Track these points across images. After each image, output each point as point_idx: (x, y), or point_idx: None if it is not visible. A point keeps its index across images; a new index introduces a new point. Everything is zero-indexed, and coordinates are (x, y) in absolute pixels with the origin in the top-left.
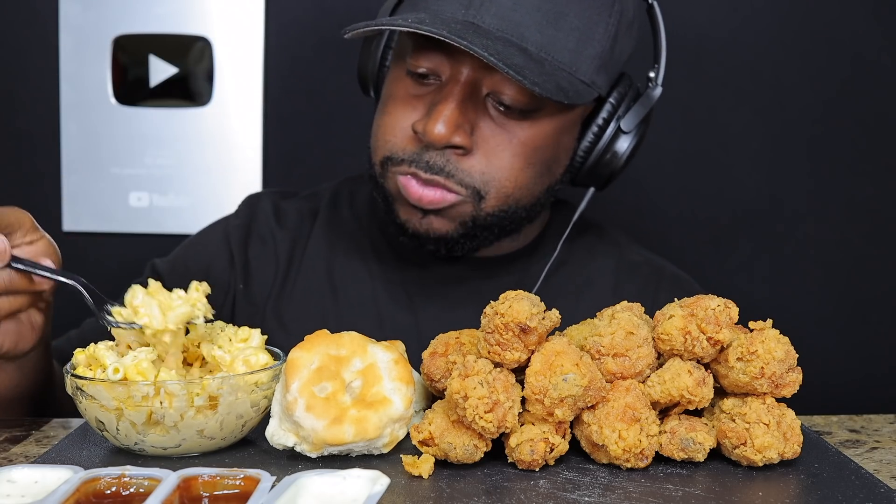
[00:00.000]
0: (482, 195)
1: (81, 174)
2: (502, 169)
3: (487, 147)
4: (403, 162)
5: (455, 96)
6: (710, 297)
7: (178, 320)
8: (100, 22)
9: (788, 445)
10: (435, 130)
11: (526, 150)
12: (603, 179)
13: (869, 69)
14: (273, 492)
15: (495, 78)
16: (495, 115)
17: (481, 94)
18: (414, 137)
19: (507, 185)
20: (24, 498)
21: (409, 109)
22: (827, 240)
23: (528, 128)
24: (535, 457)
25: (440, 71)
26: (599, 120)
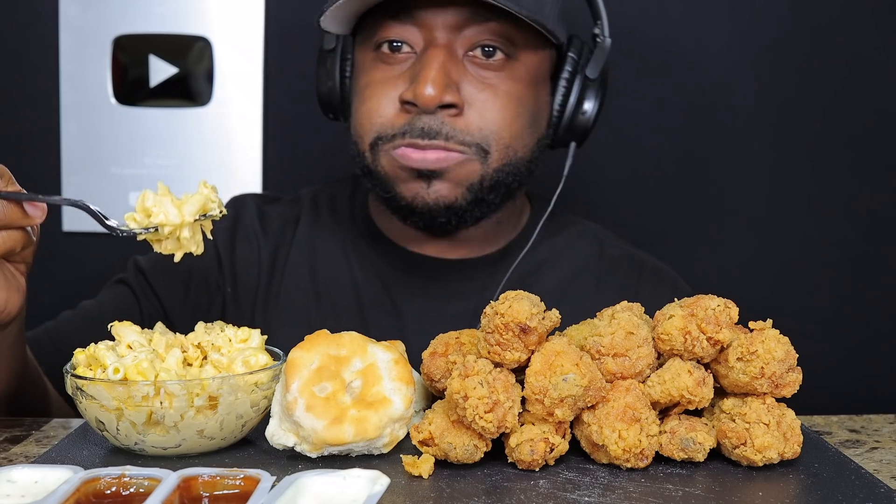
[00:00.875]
0: (486, 150)
1: (81, 174)
2: (496, 121)
3: (477, 103)
4: (395, 136)
5: (437, 58)
6: (710, 297)
7: (194, 211)
8: (100, 22)
9: (788, 445)
10: (426, 93)
11: (511, 101)
12: (581, 132)
13: (869, 69)
14: (273, 492)
15: (468, 33)
16: (475, 73)
17: (458, 55)
18: (402, 111)
19: (505, 135)
20: (24, 498)
21: (389, 88)
22: (827, 240)
23: (507, 79)
24: (535, 457)
25: (412, 41)
26: (566, 73)
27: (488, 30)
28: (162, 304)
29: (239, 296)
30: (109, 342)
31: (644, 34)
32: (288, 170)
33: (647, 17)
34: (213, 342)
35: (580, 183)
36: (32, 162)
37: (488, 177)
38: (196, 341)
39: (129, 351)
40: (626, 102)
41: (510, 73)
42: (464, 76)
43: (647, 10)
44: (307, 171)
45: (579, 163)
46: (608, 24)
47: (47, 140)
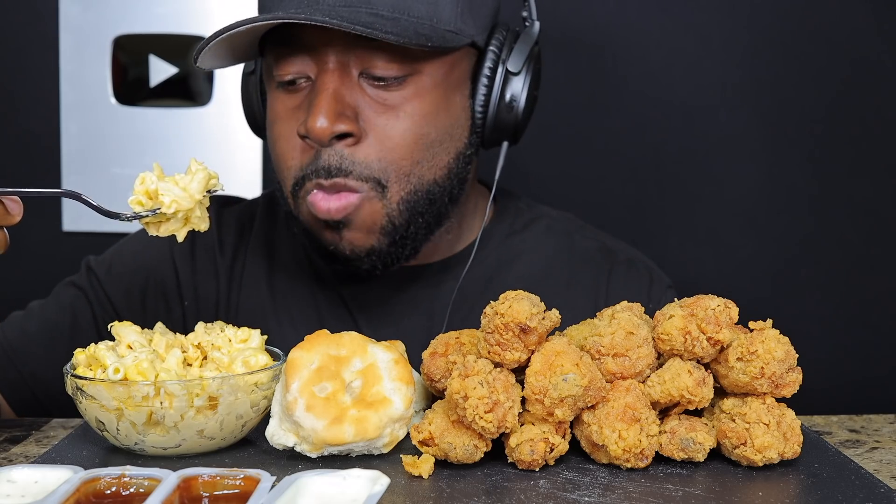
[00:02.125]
0: (384, 185)
1: (81, 174)
2: (396, 148)
3: (377, 129)
4: (305, 179)
5: (327, 86)
6: (710, 297)
7: (200, 188)
8: (100, 22)
9: (788, 445)
10: (316, 125)
11: (415, 123)
12: (510, 130)
13: (869, 69)
14: (273, 492)
15: (360, 55)
16: (374, 94)
17: (353, 77)
18: (304, 147)
19: (405, 164)
20: (24, 498)
21: (292, 122)
22: (827, 240)
23: (411, 97)
24: (535, 457)
25: (307, 72)
26: (486, 70)
27: (378, 52)
28: (116, 311)
29: (200, 308)
30: (109, 342)
31: (644, 33)
32: None
33: (646, 16)
34: (213, 342)
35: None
36: (32, 162)
37: (395, 214)
38: (196, 341)
39: (129, 351)
40: (626, 102)
41: (413, 88)
42: (362, 99)
43: (646, 10)
44: None
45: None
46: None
47: (47, 140)
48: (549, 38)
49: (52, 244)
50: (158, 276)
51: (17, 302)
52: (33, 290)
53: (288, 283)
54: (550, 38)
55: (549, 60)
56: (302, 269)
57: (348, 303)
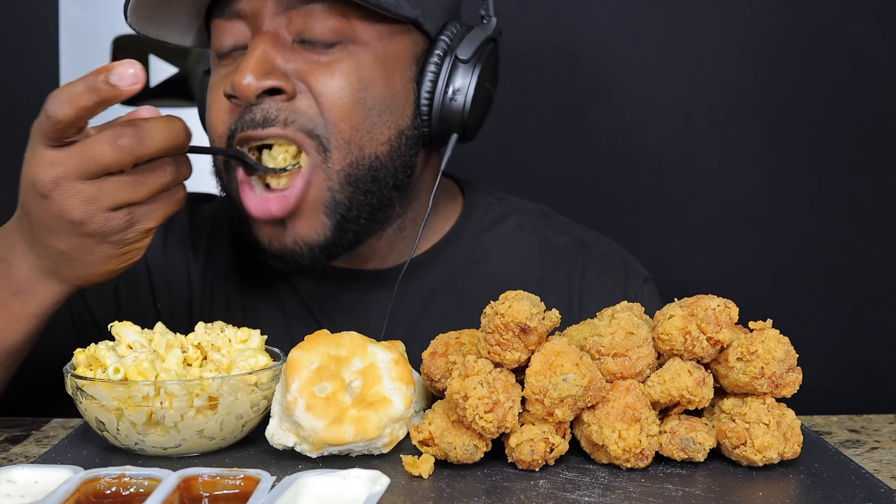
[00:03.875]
0: (325, 144)
1: None
2: (334, 108)
3: (311, 86)
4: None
5: (258, 45)
6: (710, 297)
7: None
8: (100, 22)
9: (788, 445)
10: (243, 81)
11: (351, 83)
12: (459, 122)
13: (869, 69)
14: (273, 492)
15: (294, 18)
16: (309, 56)
17: (288, 41)
18: (230, 106)
19: (344, 126)
20: (24, 498)
21: (220, 88)
22: (827, 240)
23: (346, 59)
24: (535, 457)
25: (243, 41)
26: (434, 57)
27: (313, 14)
28: (90, 309)
29: (174, 310)
30: (109, 342)
31: (644, 32)
32: None
33: (646, 15)
34: (213, 342)
35: (579, 182)
36: None
37: (337, 188)
38: (196, 341)
39: (129, 351)
40: (626, 101)
41: (350, 54)
42: (296, 61)
43: (646, 9)
44: None
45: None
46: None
47: None
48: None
49: None
50: (132, 277)
51: None
52: None
53: (256, 286)
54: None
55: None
56: (267, 274)
57: (313, 310)
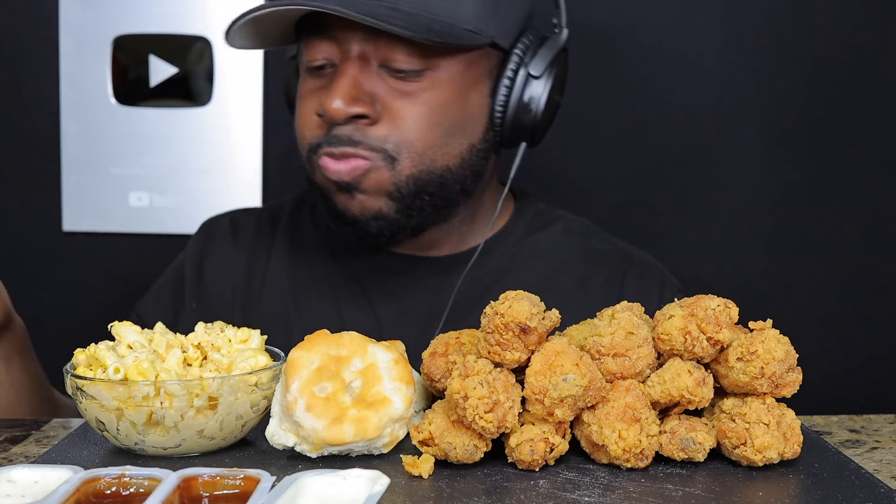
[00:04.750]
0: (394, 157)
1: (81, 174)
2: (409, 130)
3: (391, 113)
4: (319, 147)
5: (347, 72)
6: (710, 297)
7: None
8: (100, 22)
9: (788, 445)
10: (332, 106)
11: (430, 111)
12: (528, 131)
13: (869, 68)
14: (273, 492)
15: (381, 46)
16: (393, 83)
17: (373, 67)
18: (320, 122)
19: (417, 144)
20: (24, 498)
21: (312, 100)
22: (827, 240)
23: (428, 89)
24: (535, 457)
25: (332, 58)
26: (508, 72)
27: (400, 45)
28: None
29: (213, 307)
30: (109, 342)
31: (643, 32)
32: (288, 170)
33: (645, 14)
34: (213, 342)
35: (578, 181)
36: (32, 162)
37: (403, 184)
38: (196, 341)
39: (129, 351)
40: (625, 100)
41: (430, 81)
42: (380, 87)
43: (645, 8)
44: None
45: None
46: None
47: (47, 140)
48: None
49: (52, 244)
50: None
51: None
52: (33, 290)
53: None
54: None
55: None
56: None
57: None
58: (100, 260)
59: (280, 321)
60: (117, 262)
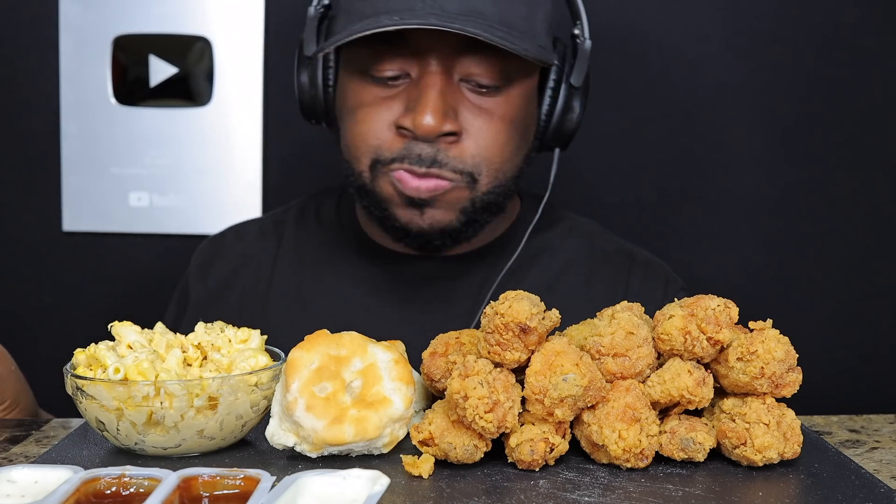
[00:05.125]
0: (476, 177)
1: (81, 174)
2: (489, 147)
3: (473, 130)
4: (394, 160)
5: (434, 87)
6: (710, 297)
7: None
8: (100, 22)
9: (788, 445)
10: (425, 122)
11: (506, 126)
12: (566, 139)
13: (869, 69)
14: (273, 492)
15: (465, 61)
16: (472, 98)
17: (454, 80)
18: (398, 135)
19: (496, 161)
20: (24, 498)
21: (383, 110)
22: (827, 239)
23: (503, 104)
24: (535, 457)
25: (407, 69)
26: (551, 82)
27: (484, 61)
28: None
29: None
30: (109, 342)
31: (643, 32)
32: (288, 170)
33: (645, 14)
34: (213, 342)
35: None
36: (32, 162)
37: (479, 199)
38: (196, 341)
39: (129, 351)
40: (625, 101)
41: (505, 97)
42: (460, 102)
43: (645, 8)
44: (307, 172)
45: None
46: (588, 24)
47: (47, 140)
48: None
49: (52, 244)
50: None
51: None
52: (33, 291)
53: (316, 278)
54: None
55: None
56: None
57: (377, 292)
58: (100, 260)
59: (287, 326)
60: (117, 262)
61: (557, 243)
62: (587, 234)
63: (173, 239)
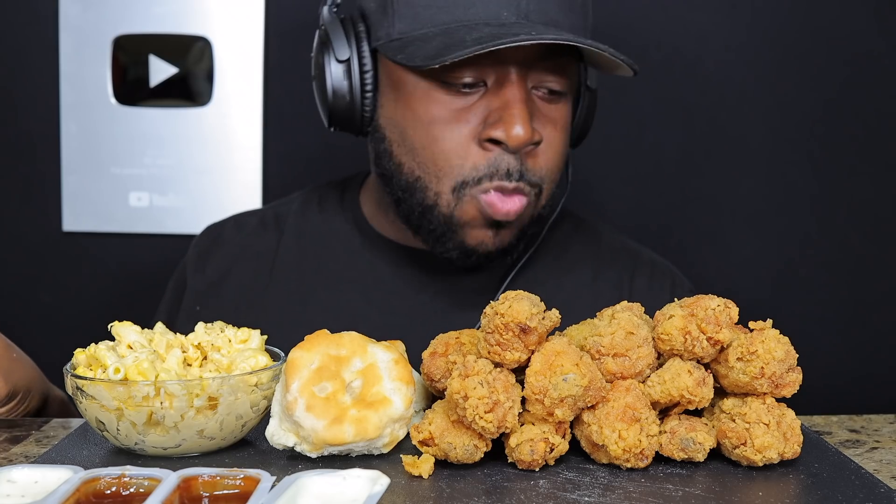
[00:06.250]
0: (542, 189)
1: (81, 174)
2: (556, 156)
3: (546, 139)
4: (482, 180)
5: (518, 96)
6: (710, 297)
7: None
8: (100, 22)
9: (788, 445)
10: (519, 134)
11: (565, 133)
12: (582, 138)
13: (870, 69)
14: (273, 492)
15: (537, 70)
16: (542, 107)
17: (528, 88)
18: (481, 150)
19: (556, 171)
20: (24, 498)
21: (462, 124)
22: (827, 240)
23: (561, 110)
24: (535, 457)
25: (484, 77)
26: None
27: (555, 68)
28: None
29: (221, 306)
30: (109, 342)
31: (644, 32)
32: (288, 169)
33: (646, 15)
34: (213, 342)
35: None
36: (32, 162)
37: (536, 214)
38: (196, 341)
39: (129, 351)
40: (627, 101)
41: (564, 105)
42: (536, 112)
43: (646, 9)
44: (307, 171)
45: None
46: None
47: (47, 140)
48: None
49: (52, 244)
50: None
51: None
52: (33, 291)
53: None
54: None
55: None
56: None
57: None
58: (100, 260)
59: (288, 317)
60: (117, 262)
61: (563, 242)
62: (594, 232)
63: (173, 239)
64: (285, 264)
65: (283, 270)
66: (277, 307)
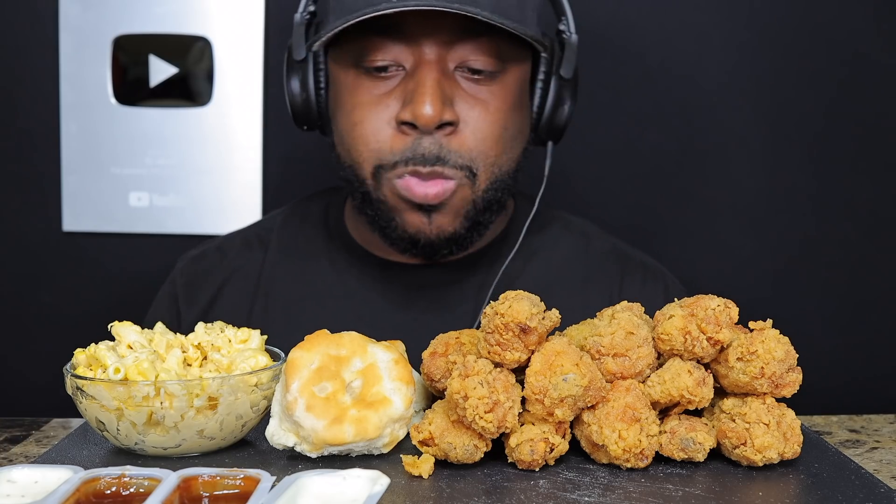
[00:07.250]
0: (475, 172)
1: (81, 174)
2: (485, 139)
3: (470, 120)
4: (398, 164)
5: (430, 75)
6: (710, 297)
7: None
8: (100, 22)
9: (788, 445)
10: (425, 112)
11: (501, 115)
12: (559, 132)
13: (869, 69)
14: (273, 492)
15: (458, 49)
16: (467, 87)
17: (450, 69)
18: (398, 133)
19: (491, 154)
20: (24, 498)
21: (381, 108)
22: (827, 240)
23: (497, 93)
24: (535, 457)
25: (401, 60)
26: (541, 75)
27: (479, 46)
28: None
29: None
30: (110, 342)
31: (643, 32)
32: (288, 170)
33: (645, 15)
34: (213, 342)
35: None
36: (32, 162)
37: (479, 200)
38: (196, 342)
39: (129, 351)
40: (626, 101)
41: (500, 86)
42: (456, 92)
43: (645, 9)
44: (307, 172)
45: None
46: (573, 20)
47: (47, 140)
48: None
49: (52, 244)
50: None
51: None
52: (33, 291)
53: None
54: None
55: None
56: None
57: (371, 302)
58: (100, 260)
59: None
60: (117, 262)
61: (551, 244)
62: (582, 235)
63: (173, 239)
64: (273, 283)
65: (270, 289)
66: (266, 325)
